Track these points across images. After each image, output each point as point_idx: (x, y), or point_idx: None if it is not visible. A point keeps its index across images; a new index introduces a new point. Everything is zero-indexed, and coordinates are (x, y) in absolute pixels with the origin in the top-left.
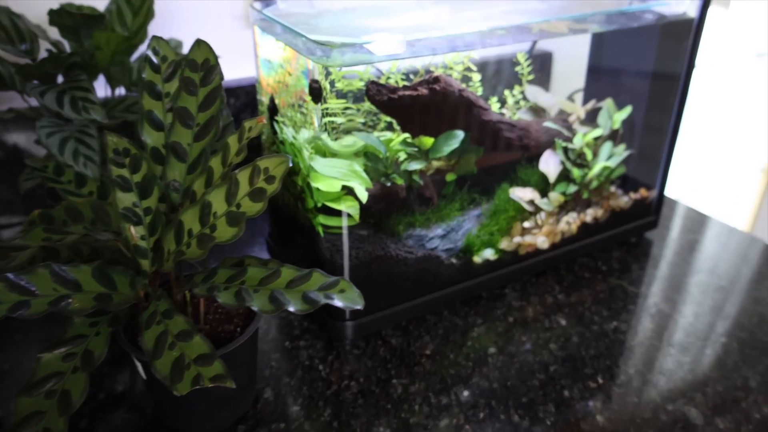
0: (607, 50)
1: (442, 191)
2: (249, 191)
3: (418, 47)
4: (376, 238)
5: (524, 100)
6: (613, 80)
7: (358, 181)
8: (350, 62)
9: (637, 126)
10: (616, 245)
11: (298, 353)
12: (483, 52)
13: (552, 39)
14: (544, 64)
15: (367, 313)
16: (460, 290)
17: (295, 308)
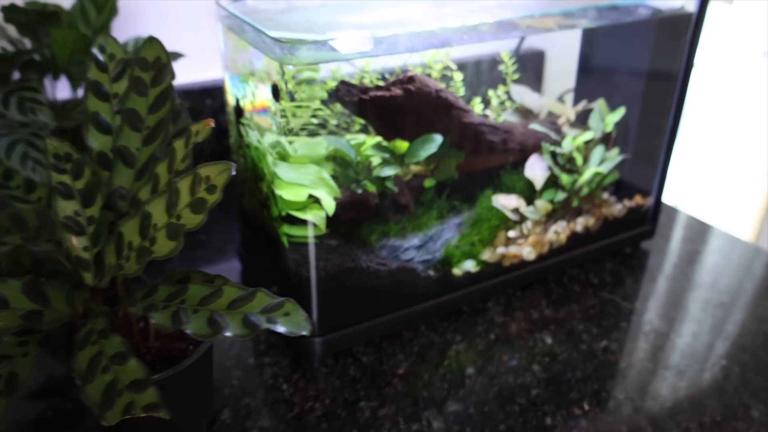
0: (599, 48)
1: (420, 198)
2: (190, 201)
3: (388, 44)
4: (347, 249)
5: (510, 101)
6: (606, 80)
7: (326, 189)
8: (311, 60)
9: (632, 128)
10: (610, 256)
11: (262, 371)
12: (466, 51)
13: (542, 36)
14: (536, 63)
15: (336, 329)
16: (439, 304)
17: (234, 333)
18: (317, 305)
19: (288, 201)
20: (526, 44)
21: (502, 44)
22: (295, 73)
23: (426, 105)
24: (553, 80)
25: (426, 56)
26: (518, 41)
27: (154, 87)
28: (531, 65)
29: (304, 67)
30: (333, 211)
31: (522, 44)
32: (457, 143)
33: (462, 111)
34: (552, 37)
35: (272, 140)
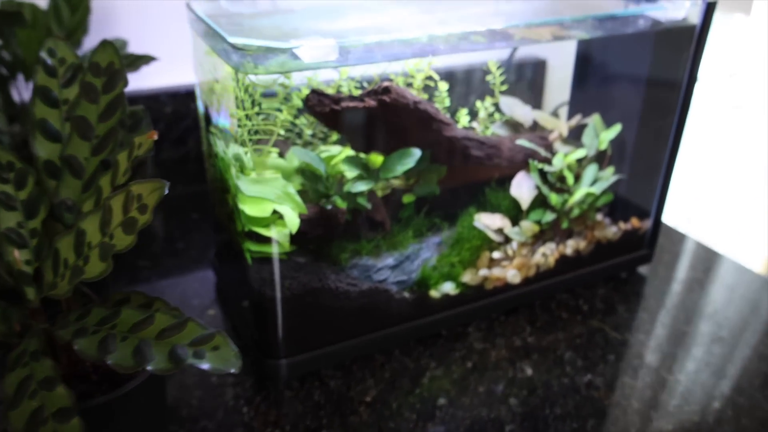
0: (595, 59)
1: (399, 214)
2: (122, 221)
3: (357, 54)
4: (315, 267)
5: (499, 113)
6: (603, 93)
7: (291, 205)
8: (269, 69)
9: (630, 146)
10: (603, 281)
11: (224, 391)
12: (456, 60)
13: (538, 46)
14: (537, 73)
15: (302, 351)
16: (415, 328)
17: (156, 367)
18: (282, 326)
19: (250, 216)
20: (527, 52)
21: (493, 53)
22: (264, 81)
23: (403, 117)
24: (556, 91)
25: (408, 65)
26: (511, 51)
27: (105, 94)
28: (531, 75)
29: (265, 75)
30: (296, 228)
31: (515, 54)
32: (438, 157)
33: (443, 124)
34: (555, 44)
35: (234, 152)
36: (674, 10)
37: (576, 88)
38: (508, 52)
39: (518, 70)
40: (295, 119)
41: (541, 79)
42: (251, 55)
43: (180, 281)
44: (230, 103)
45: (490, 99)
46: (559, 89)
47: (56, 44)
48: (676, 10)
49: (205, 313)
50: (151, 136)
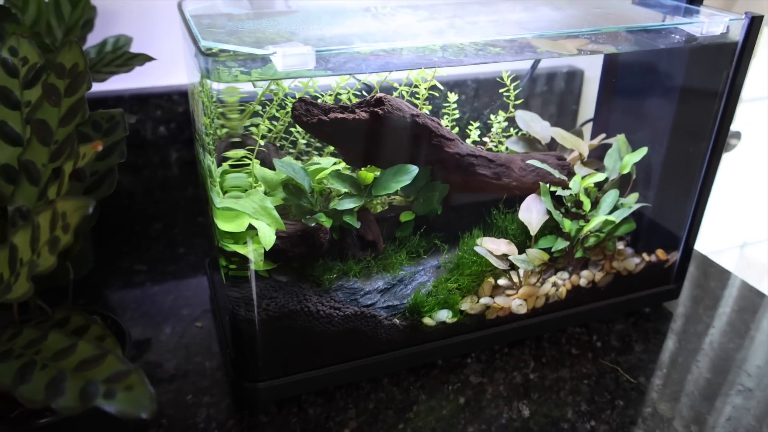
0: (623, 75)
1: (395, 233)
2: (48, 239)
3: (339, 62)
4: (295, 288)
5: (514, 129)
6: (630, 112)
7: (267, 220)
8: (238, 77)
9: (658, 170)
10: (623, 315)
11: (197, 412)
12: (471, 69)
13: (571, 58)
14: (572, 84)
15: (281, 375)
16: (406, 356)
17: (61, 405)
18: (258, 348)
19: (224, 231)
20: (560, 61)
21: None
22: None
23: (399, 131)
24: (593, 104)
25: (412, 75)
26: (533, 63)
27: (67, 97)
28: (564, 86)
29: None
30: (271, 245)
31: (537, 65)
32: (439, 175)
33: (445, 139)
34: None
35: (207, 161)
36: (712, 24)
37: (601, 105)
38: (521, 61)
39: (548, 81)
40: (276, 127)
41: (576, 91)
42: (219, 61)
43: (174, 288)
44: (200, 110)
45: (503, 114)
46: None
47: (18, 42)
48: (714, 25)
49: (192, 324)
50: (95, 147)
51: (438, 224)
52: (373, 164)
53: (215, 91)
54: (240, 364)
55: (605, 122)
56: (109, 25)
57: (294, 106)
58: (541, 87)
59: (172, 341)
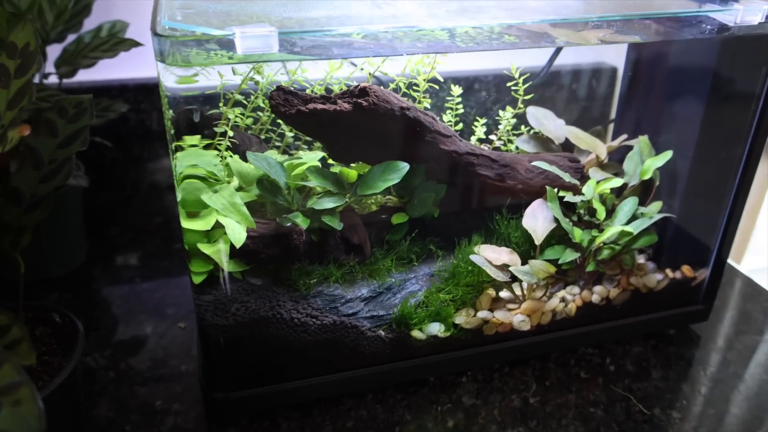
0: (649, 71)
1: (386, 236)
2: None
3: (308, 46)
4: (269, 293)
5: (526, 126)
6: (655, 111)
7: (236, 217)
8: (193, 60)
9: (685, 177)
10: (643, 336)
11: (164, 419)
12: (482, 65)
13: (606, 51)
14: (602, 83)
15: (253, 386)
16: (392, 371)
17: None
18: (227, 356)
19: (188, 230)
20: (592, 58)
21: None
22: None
23: (388, 125)
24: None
25: (411, 66)
26: (553, 53)
27: (17, 78)
28: (596, 85)
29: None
30: (241, 243)
31: (555, 59)
32: (435, 174)
33: (440, 135)
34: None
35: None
36: (748, 13)
37: (624, 104)
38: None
39: (574, 78)
40: (262, 118)
41: (607, 90)
42: (174, 43)
43: (163, 285)
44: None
45: (511, 109)
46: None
47: None
48: (751, 14)
49: (174, 325)
50: (21, 132)
51: (434, 228)
52: (362, 161)
53: (168, 75)
54: (209, 372)
55: (628, 122)
56: (110, 11)
57: (271, 95)
58: (566, 85)
59: (151, 342)
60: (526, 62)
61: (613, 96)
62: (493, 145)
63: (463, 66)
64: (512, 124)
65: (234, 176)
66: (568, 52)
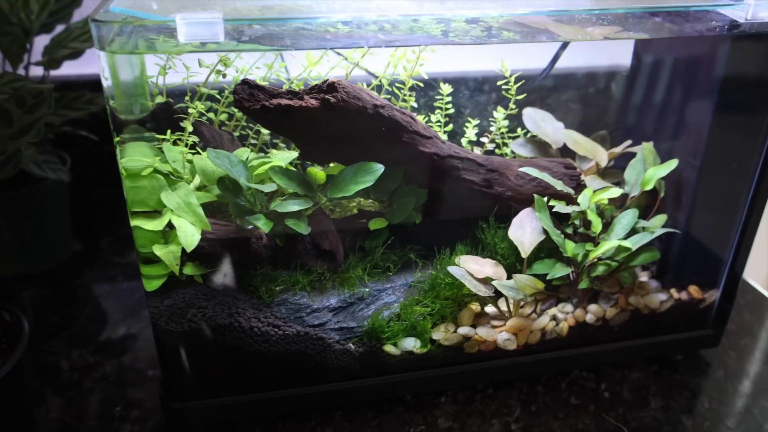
0: (656, 73)
1: (365, 243)
2: None
3: (259, 35)
4: (228, 299)
5: (522, 130)
6: (662, 116)
7: (191, 218)
8: (132, 48)
9: (692, 188)
10: (646, 361)
11: (120, 427)
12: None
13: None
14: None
15: (212, 396)
16: (363, 388)
17: None
18: (183, 364)
19: (139, 228)
20: (605, 61)
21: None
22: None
23: (360, 124)
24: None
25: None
26: (558, 49)
27: None
28: (611, 90)
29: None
30: (193, 246)
31: (558, 59)
32: (415, 178)
33: (420, 136)
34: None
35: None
36: (761, 8)
37: (629, 108)
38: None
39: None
40: (237, 114)
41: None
42: (112, 30)
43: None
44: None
45: (502, 111)
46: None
47: None
48: (763, 10)
49: (148, 327)
50: None
51: (417, 236)
52: (336, 161)
53: (106, 63)
54: (167, 381)
55: (635, 128)
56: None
57: (235, 89)
58: (578, 88)
59: (122, 344)
60: (534, 63)
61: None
62: (484, 148)
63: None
64: (506, 125)
65: (197, 174)
66: (579, 54)
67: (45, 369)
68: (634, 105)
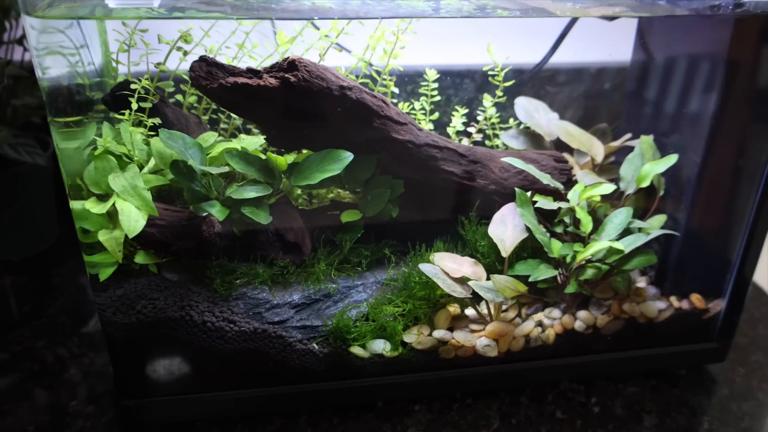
0: (656, 57)
1: (335, 237)
2: None
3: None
4: (182, 291)
5: (515, 121)
6: (665, 107)
7: (136, 202)
8: (58, 14)
9: (695, 186)
10: (642, 375)
11: (73, 422)
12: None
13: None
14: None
15: (166, 394)
16: (329, 391)
17: None
18: (132, 359)
19: (77, 210)
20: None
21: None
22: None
23: (326, 106)
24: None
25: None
26: (567, 23)
27: None
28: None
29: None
30: (136, 232)
31: (559, 45)
32: (388, 167)
33: (392, 122)
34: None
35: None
36: None
37: (631, 98)
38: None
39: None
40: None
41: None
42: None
43: None
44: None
45: (489, 98)
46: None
47: None
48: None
49: None
50: None
51: (394, 231)
52: (305, 148)
53: (33, 29)
54: (118, 376)
55: (636, 120)
56: None
57: (192, 66)
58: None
59: (89, 336)
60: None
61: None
62: (471, 139)
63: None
64: (495, 114)
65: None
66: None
67: (6, 359)
68: (636, 98)
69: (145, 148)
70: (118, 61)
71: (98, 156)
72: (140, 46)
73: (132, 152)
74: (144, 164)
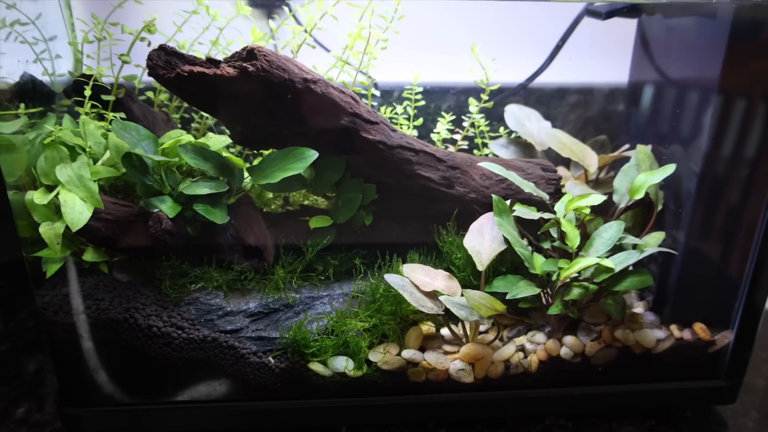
0: (654, 57)
1: (306, 242)
2: None
3: None
4: (130, 292)
5: (505, 129)
6: (666, 114)
7: (81, 193)
8: None
9: (699, 200)
10: (641, 413)
11: (15, 431)
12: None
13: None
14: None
15: (111, 404)
16: (286, 412)
17: None
18: (73, 365)
19: (25, 203)
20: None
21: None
22: None
23: (289, 100)
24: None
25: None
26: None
27: None
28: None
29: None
30: (80, 225)
31: (559, 50)
32: (359, 170)
33: (362, 121)
34: None
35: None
36: None
37: (631, 105)
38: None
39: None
40: None
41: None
42: None
43: None
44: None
45: (475, 103)
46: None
47: None
48: None
49: None
50: None
51: (367, 239)
52: (273, 147)
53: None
54: (61, 383)
55: (637, 132)
56: None
57: (150, 55)
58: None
59: None
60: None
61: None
62: (457, 147)
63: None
64: (482, 121)
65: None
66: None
67: None
68: (636, 112)
69: (103, 141)
70: (80, 50)
71: (49, 145)
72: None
73: (85, 143)
74: (100, 157)
